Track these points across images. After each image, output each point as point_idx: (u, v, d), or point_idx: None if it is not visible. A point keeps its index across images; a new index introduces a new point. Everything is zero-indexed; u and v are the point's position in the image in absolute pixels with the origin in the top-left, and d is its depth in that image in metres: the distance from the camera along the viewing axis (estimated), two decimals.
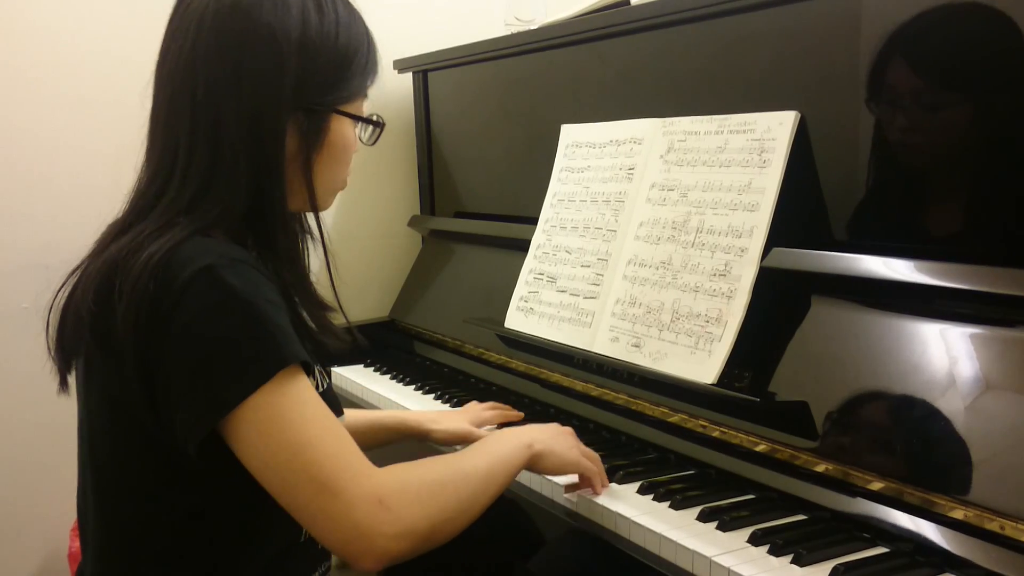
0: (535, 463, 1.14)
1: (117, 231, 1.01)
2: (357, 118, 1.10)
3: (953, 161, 1.14)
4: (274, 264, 1.04)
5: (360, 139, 1.14)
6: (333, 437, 0.94)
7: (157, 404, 0.94)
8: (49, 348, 1.04)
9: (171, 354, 0.92)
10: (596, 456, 1.23)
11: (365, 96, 1.11)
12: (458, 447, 1.43)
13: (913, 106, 1.16)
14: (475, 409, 1.51)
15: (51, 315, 1.03)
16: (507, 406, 1.53)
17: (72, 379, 1.07)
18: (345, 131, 1.09)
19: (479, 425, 1.45)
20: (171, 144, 1.01)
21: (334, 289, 1.12)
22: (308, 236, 1.15)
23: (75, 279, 1.02)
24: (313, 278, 1.14)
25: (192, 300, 0.91)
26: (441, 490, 0.99)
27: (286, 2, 1.01)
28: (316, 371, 1.09)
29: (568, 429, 1.24)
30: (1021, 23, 1.03)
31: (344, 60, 1.05)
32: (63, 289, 1.03)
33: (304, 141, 1.04)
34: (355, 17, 1.08)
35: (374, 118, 1.14)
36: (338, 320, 1.14)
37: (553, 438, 1.18)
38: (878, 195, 1.21)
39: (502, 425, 1.48)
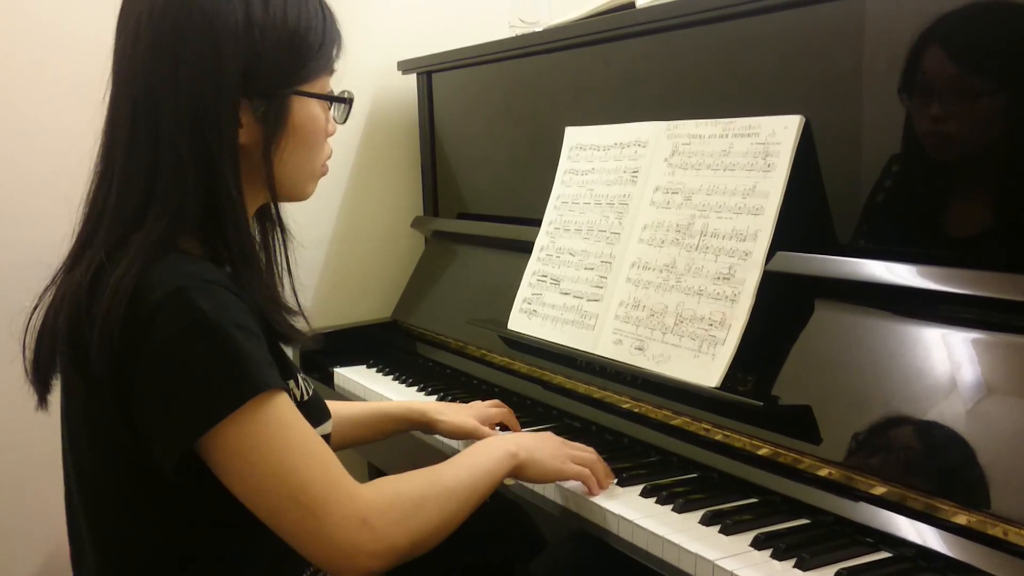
0: (518, 472, 1.15)
1: (80, 247, 0.99)
2: (320, 96, 1.05)
3: (958, 166, 1.14)
4: (231, 263, 1.01)
5: (334, 118, 1.09)
6: (317, 459, 0.94)
7: (135, 428, 0.94)
8: (27, 371, 1.03)
9: (143, 378, 0.91)
10: (591, 458, 1.21)
11: (330, 72, 1.07)
12: (458, 445, 1.44)
13: (917, 111, 1.16)
14: (480, 406, 1.49)
15: (27, 337, 1.02)
16: (511, 410, 1.52)
17: (51, 395, 1.07)
18: (312, 112, 1.04)
19: (483, 422, 1.43)
20: (114, 147, 0.99)
21: (292, 287, 1.09)
22: (281, 233, 1.12)
23: (49, 298, 1.01)
24: (297, 283, 1.12)
25: (163, 324, 0.90)
26: (423, 506, 1.00)
27: None
28: (299, 379, 1.08)
29: (559, 438, 1.24)
30: None
31: (296, 39, 1.00)
32: (38, 309, 1.02)
33: (265, 129, 1.00)
34: None
35: (344, 94, 1.09)
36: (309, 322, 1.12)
37: (539, 447, 1.17)
38: (882, 200, 1.21)
39: (504, 427, 1.47)
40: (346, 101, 1.09)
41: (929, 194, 1.17)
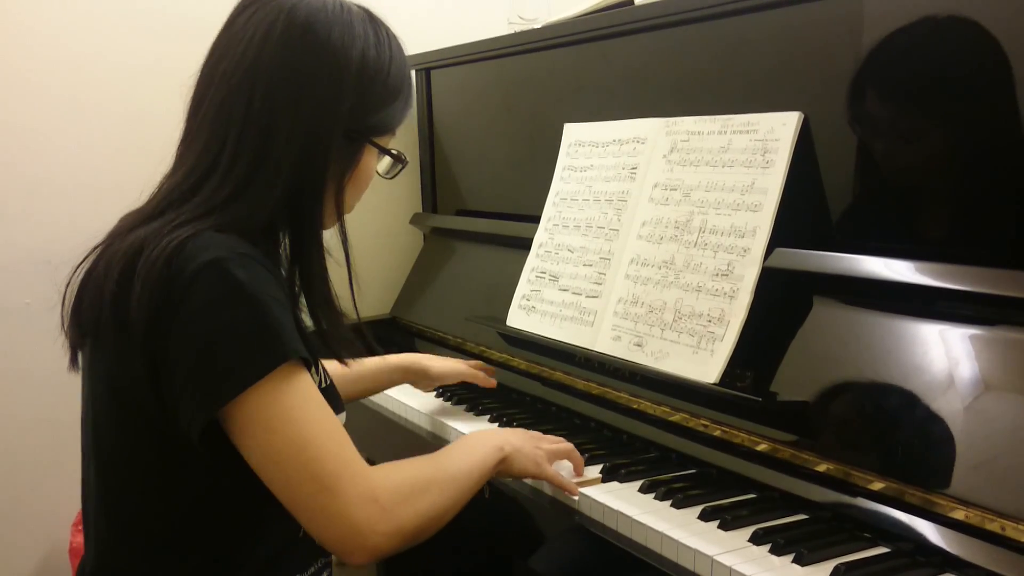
0: (503, 467, 1.18)
1: (146, 216, 1.02)
2: (388, 152, 1.13)
3: (956, 163, 1.14)
4: (302, 273, 1.07)
5: (377, 171, 1.16)
6: (334, 436, 0.97)
7: (162, 392, 0.95)
8: (63, 323, 1.04)
9: (175, 342, 0.93)
10: (565, 448, 1.25)
11: (394, 133, 1.14)
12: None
13: (916, 108, 1.16)
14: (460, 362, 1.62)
15: (68, 291, 1.04)
16: (484, 369, 1.64)
17: (82, 350, 1.08)
18: (372, 162, 1.12)
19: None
20: (216, 143, 1.02)
21: (354, 301, 1.14)
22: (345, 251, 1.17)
23: (95, 257, 1.02)
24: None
25: (199, 291, 0.92)
26: (429, 489, 1.04)
27: (352, 31, 1.04)
28: (320, 368, 1.11)
29: (535, 433, 1.28)
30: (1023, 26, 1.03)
31: (391, 94, 1.08)
32: (82, 265, 1.03)
33: (338, 166, 1.06)
34: (404, 55, 1.11)
35: (402, 156, 1.17)
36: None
37: (523, 442, 1.21)
38: (881, 196, 1.21)
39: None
40: (404, 162, 1.18)
41: (928, 191, 1.18)
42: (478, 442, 1.17)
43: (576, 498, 1.21)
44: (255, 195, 1.01)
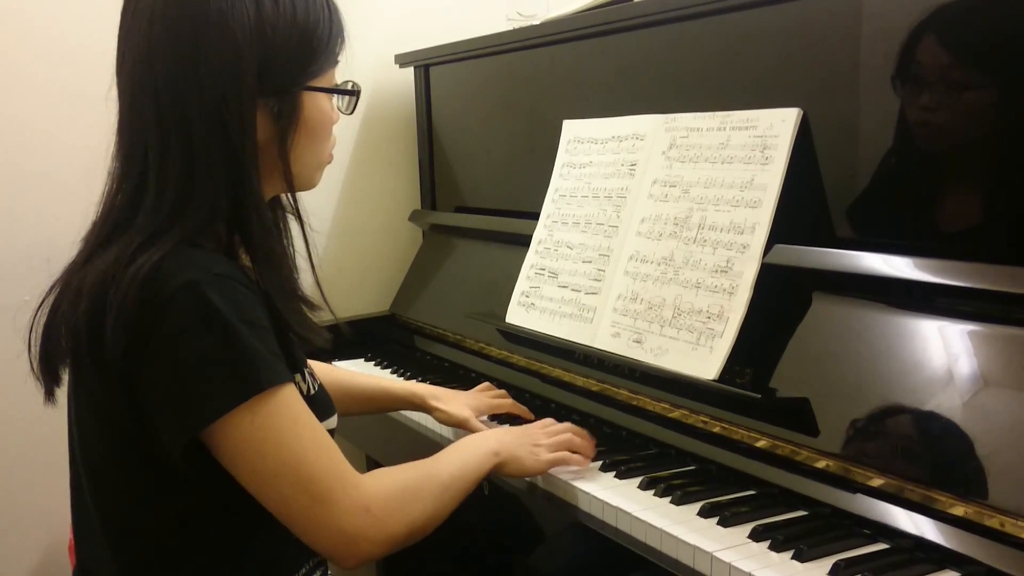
0: (499, 470, 1.18)
1: (98, 243, 0.99)
2: (331, 91, 1.07)
3: (956, 158, 1.14)
4: (253, 257, 1.02)
5: (339, 109, 1.11)
6: (324, 451, 0.98)
7: (142, 415, 0.95)
8: (32, 365, 1.03)
9: (151, 368, 0.92)
10: (565, 437, 1.25)
11: (335, 63, 1.08)
12: (451, 435, 1.44)
13: (915, 103, 1.16)
14: (482, 396, 1.49)
15: (32, 334, 1.03)
16: (517, 404, 1.51)
17: (58, 386, 1.07)
18: (320, 105, 1.06)
19: (482, 412, 1.46)
20: (139, 147, 0.99)
21: (315, 277, 1.09)
22: (290, 219, 1.12)
23: (56, 295, 1.01)
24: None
25: (173, 316, 0.91)
26: (419, 496, 1.05)
27: None
28: (306, 374, 1.09)
29: (535, 426, 1.28)
30: None
31: (306, 36, 1.01)
32: (42, 307, 1.02)
33: (278, 124, 1.01)
34: None
35: (349, 86, 1.11)
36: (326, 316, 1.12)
37: (518, 444, 1.21)
38: (880, 192, 1.21)
39: (513, 420, 1.47)
40: (354, 93, 1.11)
41: (927, 187, 1.17)
42: (472, 447, 1.17)
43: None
44: (203, 190, 0.97)
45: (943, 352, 1.07)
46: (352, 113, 1.13)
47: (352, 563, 1.00)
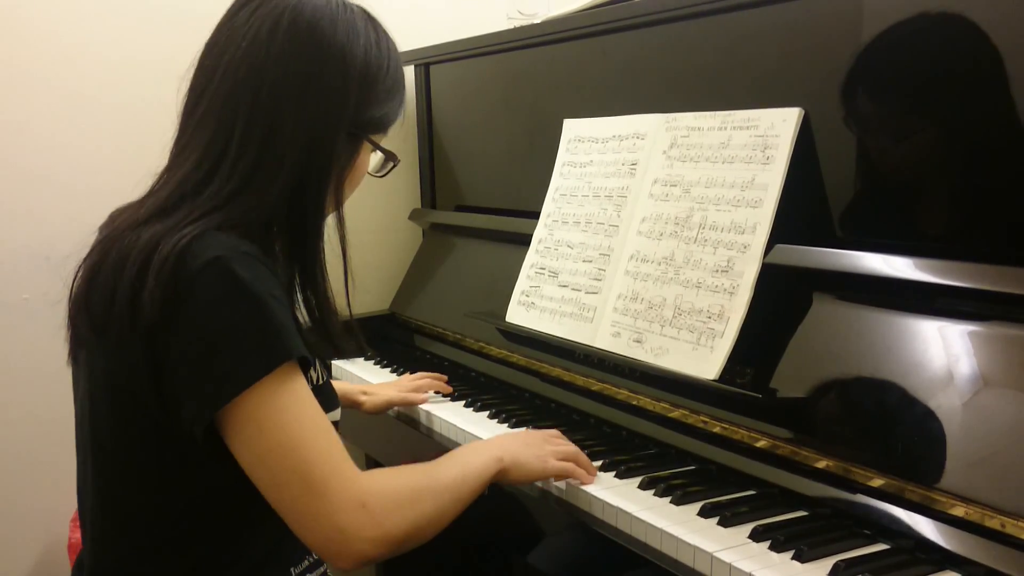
0: (502, 477, 1.16)
1: (161, 210, 1.01)
2: (383, 150, 1.14)
3: (957, 159, 1.14)
4: (304, 269, 1.08)
5: (370, 171, 1.17)
6: (325, 439, 0.97)
7: (163, 390, 0.95)
8: (70, 314, 1.03)
9: (178, 340, 0.93)
10: (571, 450, 1.23)
11: (388, 127, 1.14)
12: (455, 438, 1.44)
13: (917, 103, 1.16)
14: (405, 379, 1.66)
15: (75, 284, 1.02)
16: (438, 374, 1.67)
17: (65, 366, 1.08)
18: (367, 158, 1.13)
19: (409, 391, 1.60)
20: (223, 134, 1.02)
21: (348, 297, 1.14)
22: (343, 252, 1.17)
23: (101, 249, 1.01)
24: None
25: (202, 290, 0.93)
26: (420, 498, 1.03)
27: (356, 29, 1.05)
28: (317, 365, 1.11)
29: (541, 433, 1.26)
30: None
31: (390, 93, 1.09)
32: (89, 258, 1.02)
33: (339, 162, 1.07)
34: (399, 55, 1.12)
35: (394, 155, 1.18)
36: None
37: (522, 449, 1.19)
38: (881, 192, 1.21)
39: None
40: (396, 161, 1.19)
41: (928, 187, 1.17)
42: (475, 452, 1.16)
43: (590, 485, 1.20)
44: (258, 189, 1.01)
45: (944, 352, 1.06)
46: (382, 177, 1.22)
47: (346, 563, 0.98)
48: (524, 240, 1.66)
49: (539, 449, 1.21)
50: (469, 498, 1.10)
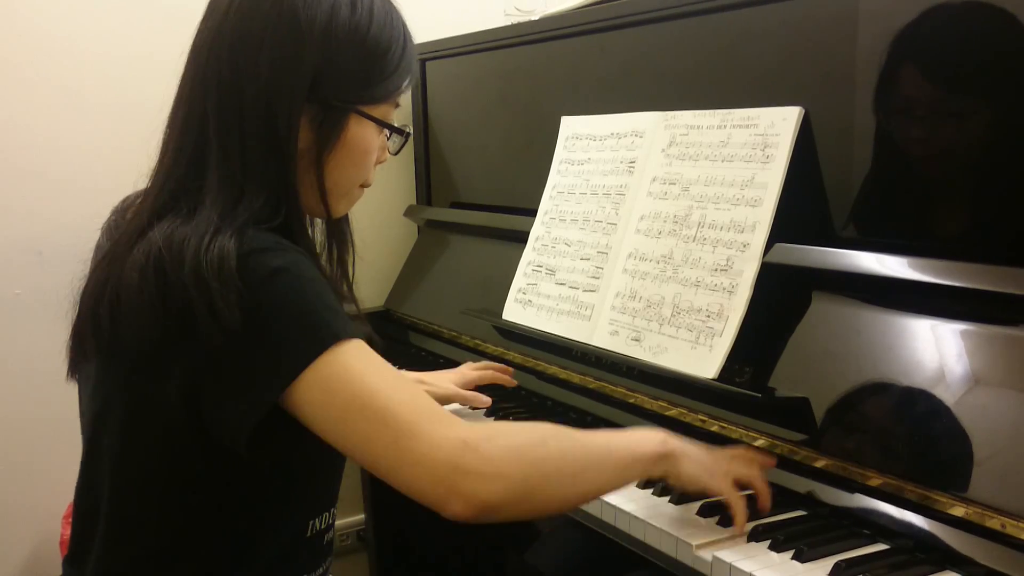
0: (667, 463, 1.01)
1: (157, 212, 0.97)
2: (378, 121, 1.05)
3: (957, 159, 1.14)
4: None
5: (388, 150, 1.10)
6: (405, 385, 0.92)
7: (199, 396, 0.92)
8: (73, 333, 1.00)
9: (238, 332, 0.89)
10: (759, 485, 1.10)
11: (395, 104, 1.07)
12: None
13: (917, 103, 1.16)
14: (466, 368, 1.54)
15: (85, 297, 0.99)
16: (501, 365, 1.56)
17: (58, 362, 1.05)
18: (366, 134, 1.04)
19: (466, 385, 1.49)
20: (195, 119, 0.99)
21: (350, 287, 1.12)
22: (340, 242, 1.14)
23: (106, 264, 0.97)
24: None
25: (267, 285, 0.90)
26: (540, 445, 0.93)
27: None
28: None
29: (730, 452, 1.13)
30: None
31: (371, 58, 1.01)
32: (98, 271, 0.98)
33: (318, 136, 1.00)
34: (392, 16, 1.04)
35: (404, 128, 1.10)
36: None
37: (687, 446, 1.06)
38: (881, 192, 1.21)
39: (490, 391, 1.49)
40: (404, 134, 1.10)
41: (928, 186, 1.17)
42: (634, 430, 1.05)
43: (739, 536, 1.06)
44: (254, 186, 0.97)
45: (943, 352, 1.06)
46: (396, 154, 1.13)
47: (460, 505, 0.86)
48: (520, 237, 1.65)
49: (715, 465, 1.07)
50: (614, 469, 0.97)
